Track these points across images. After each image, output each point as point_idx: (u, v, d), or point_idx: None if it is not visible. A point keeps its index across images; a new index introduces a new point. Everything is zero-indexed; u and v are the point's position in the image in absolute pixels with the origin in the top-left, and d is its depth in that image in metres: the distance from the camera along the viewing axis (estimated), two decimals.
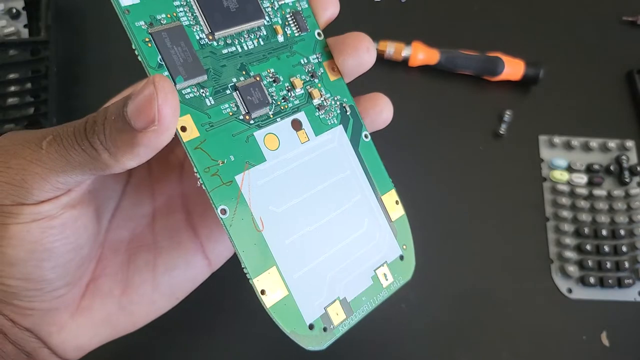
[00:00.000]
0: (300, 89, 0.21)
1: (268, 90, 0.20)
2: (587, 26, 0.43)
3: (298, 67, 0.22)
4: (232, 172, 0.19)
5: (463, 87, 0.41)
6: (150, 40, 0.18)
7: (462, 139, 0.40)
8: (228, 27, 0.20)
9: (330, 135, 0.22)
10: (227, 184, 0.19)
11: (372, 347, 0.35)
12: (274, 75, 0.21)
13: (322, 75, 0.22)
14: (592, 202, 0.38)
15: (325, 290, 0.21)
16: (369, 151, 0.23)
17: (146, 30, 0.18)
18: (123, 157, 0.16)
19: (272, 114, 0.20)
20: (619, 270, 0.37)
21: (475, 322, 0.36)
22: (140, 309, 0.22)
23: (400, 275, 0.24)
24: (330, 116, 0.22)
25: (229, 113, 0.19)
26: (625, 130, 0.40)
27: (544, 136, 0.40)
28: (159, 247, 0.23)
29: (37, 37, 0.37)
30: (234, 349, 0.34)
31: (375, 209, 0.23)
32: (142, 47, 0.18)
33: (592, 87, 0.42)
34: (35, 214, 0.18)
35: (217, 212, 0.18)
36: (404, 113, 0.40)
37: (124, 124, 0.16)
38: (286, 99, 0.21)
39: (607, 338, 0.35)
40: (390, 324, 0.35)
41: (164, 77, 0.16)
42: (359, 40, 0.22)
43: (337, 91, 0.22)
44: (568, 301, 0.36)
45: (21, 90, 0.36)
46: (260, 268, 0.19)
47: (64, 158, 0.17)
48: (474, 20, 0.43)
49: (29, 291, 0.19)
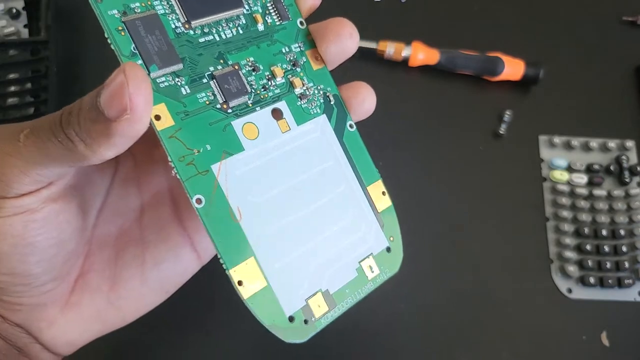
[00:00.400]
0: (281, 77, 0.21)
1: (247, 79, 0.20)
2: (587, 26, 0.43)
3: (279, 55, 0.21)
4: (209, 161, 0.19)
5: (463, 87, 0.41)
6: (123, 28, 0.17)
7: (462, 139, 0.40)
8: (205, 15, 0.19)
9: (312, 125, 0.21)
10: (202, 173, 0.18)
11: (371, 347, 0.35)
12: (253, 64, 0.20)
13: (304, 64, 0.22)
14: (592, 202, 0.38)
15: (307, 282, 0.20)
16: (354, 141, 0.22)
17: (119, 19, 0.17)
18: (99, 148, 0.16)
19: (251, 103, 0.20)
20: (619, 270, 0.37)
21: (475, 322, 0.36)
22: (129, 304, 0.22)
23: (386, 268, 0.23)
24: (313, 105, 0.22)
25: (206, 102, 0.19)
26: (626, 130, 0.40)
27: (544, 136, 0.40)
28: (147, 241, 0.22)
29: (37, 37, 0.37)
30: (224, 345, 0.34)
31: (360, 199, 0.22)
32: (115, 35, 0.17)
33: (592, 87, 0.42)
34: (17, 208, 0.18)
35: (192, 201, 0.18)
36: (404, 113, 0.40)
37: (97, 114, 0.16)
38: (266, 88, 0.21)
39: (607, 338, 0.35)
40: (390, 324, 0.35)
41: (135, 65, 0.16)
42: (342, 26, 0.22)
43: (320, 80, 0.22)
44: (568, 301, 0.36)
45: (21, 90, 0.36)
46: (237, 259, 0.19)
47: (42, 150, 0.17)
48: (474, 20, 0.43)
49: (16, 286, 0.19)
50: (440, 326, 0.35)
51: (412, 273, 0.36)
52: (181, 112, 0.18)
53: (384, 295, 0.36)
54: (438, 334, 0.35)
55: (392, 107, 0.41)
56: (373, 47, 0.40)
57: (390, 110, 0.40)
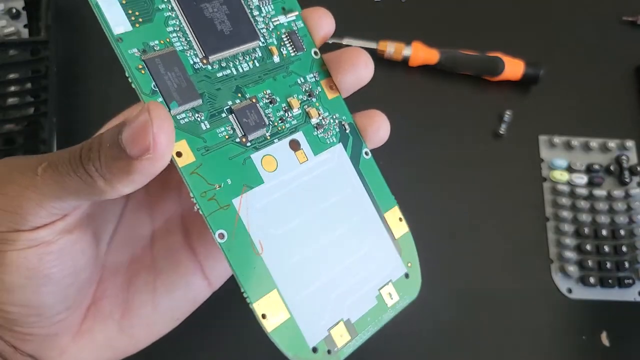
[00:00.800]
0: (298, 108, 0.21)
1: (265, 112, 0.20)
2: (587, 26, 0.43)
3: (295, 86, 0.21)
4: (230, 196, 0.19)
5: (463, 87, 0.41)
6: (143, 67, 0.18)
7: (462, 139, 0.40)
8: (222, 50, 0.19)
9: (329, 154, 0.22)
10: (224, 208, 0.18)
11: (371, 347, 0.35)
12: (270, 97, 0.20)
13: (319, 93, 0.22)
14: (592, 202, 0.38)
15: (328, 312, 0.20)
16: (369, 168, 0.23)
17: (139, 57, 0.18)
18: (118, 184, 0.16)
19: (269, 135, 0.20)
20: (619, 270, 0.37)
21: (475, 322, 0.36)
22: (141, 331, 0.22)
23: (405, 294, 0.23)
24: (329, 135, 0.22)
25: (225, 136, 0.19)
26: (626, 130, 0.41)
27: (544, 136, 0.40)
28: (159, 268, 0.22)
29: (37, 37, 0.37)
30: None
31: (378, 227, 0.22)
32: (136, 74, 0.17)
33: (592, 87, 0.42)
34: (31, 240, 0.18)
35: (215, 236, 0.18)
36: (404, 113, 0.40)
37: (119, 152, 0.16)
38: (283, 120, 0.21)
39: (607, 338, 0.35)
40: (389, 323, 0.35)
41: (159, 104, 0.16)
42: (357, 56, 0.22)
43: (335, 109, 0.22)
44: (568, 301, 0.36)
45: (21, 90, 0.36)
46: (260, 292, 0.19)
47: (59, 184, 0.17)
48: (474, 20, 0.43)
49: (28, 317, 0.19)
50: (440, 326, 0.35)
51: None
52: (202, 148, 0.18)
53: None
54: (438, 334, 0.35)
55: (392, 107, 0.40)
56: (373, 47, 0.40)
57: (390, 110, 0.40)
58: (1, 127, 0.35)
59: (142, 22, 0.18)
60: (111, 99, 0.39)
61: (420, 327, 0.35)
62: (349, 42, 0.40)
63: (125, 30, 0.18)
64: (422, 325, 0.35)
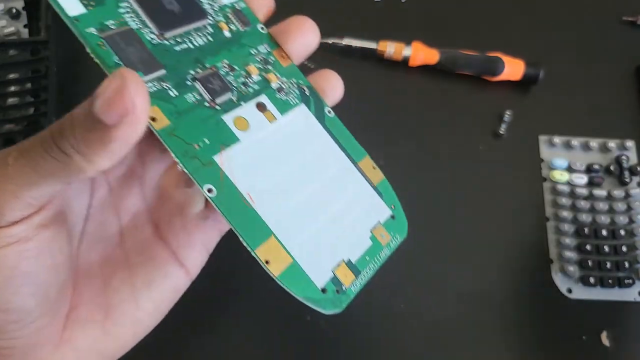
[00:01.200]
0: (257, 75, 0.23)
1: (227, 79, 0.21)
2: (587, 26, 0.43)
3: (250, 57, 0.23)
4: (210, 154, 0.20)
5: (463, 87, 0.41)
6: (103, 43, 0.18)
7: (462, 139, 0.40)
8: (175, 27, 0.21)
9: (295, 114, 0.23)
10: (207, 165, 0.19)
11: (371, 346, 0.35)
12: (229, 66, 0.22)
13: (274, 62, 0.23)
14: (592, 203, 0.38)
15: (328, 255, 0.22)
16: (335, 125, 0.24)
17: (98, 35, 0.18)
18: (96, 157, 0.16)
19: (236, 99, 0.21)
20: (619, 270, 0.37)
21: (475, 322, 0.36)
22: (126, 330, 0.22)
23: (396, 233, 0.25)
24: (291, 97, 0.23)
25: (194, 101, 0.20)
26: (626, 130, 0.41)
27: (544, 136, 0.40)
28: (133, 264, 0.22)
29: (37, 37, 0.37)
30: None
31: (356, 175, 0.24)
32: (97, 50, 0.18)
33: (592, 87, 0.42)
34: (9, 237, 0.17)
35: (204, 191, 0.19)
36: (404, 112, 0.40)
37: (93, 123, 0.15)
38: (246, 85, 0.22)
39: (607, 338, 0.35)
40: (390, 323, 0.35)
41: (130, 70, 0.16)
42: (303, 23, 0.24)
43: (291, 75, 0.24)
44: (568, 301, 0.36)
45: (21, 90, 0.36)
46: (259, 239, 0.20)
47: (34, 170, 0.16)
48: (474, 20, 0.43)
49: (9, 324, 0.18)
50: (440, 326, 0.35)
51: (412, 273, 0.36)
52: (174, 113, 0.19)
53: (384, 295, 0.36)
54: (438, 334, 0.35)
55: (392, 106, 0.41)
56: (373, 47, 0.40)
57: (390, 109, 0.40)
58: (1, 127, 0.35)
59: (95, 5, 0.19)
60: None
61: (420, 326, 0.35)
62: (348, 42, 0.40)
63: (79, 12, 0.19)
64: (422, 325, 0.35)
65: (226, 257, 0.36)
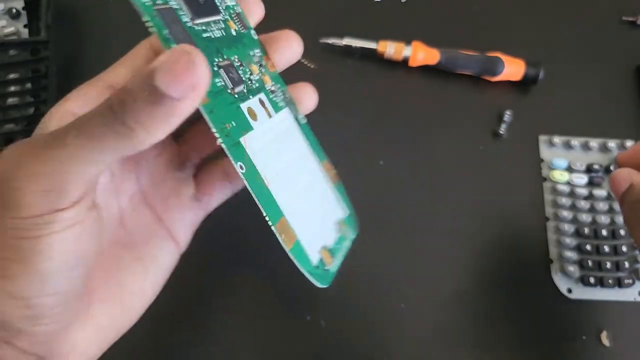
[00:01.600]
0: (257, 74, 0.24)
1: (239, 72, 0.23)
2: (587, 26, 0.43)
3: (250, 57, 0.24)
4: (237, 135, 0.21)
5: (463, 87, 0.41)
6: (157, 14, 0.19)
7: (462, 139, 0.40)
8: (202, 16, 0.22)
9: (283, 115, 0.26)
10: (236, 145, 0.21)
11: (371, 346, 0.35)
12: (239, 60, 0.23)
13: (264, 66, 0.25)
14: (592, 203, 0.38)
15: (315, 239, 0.25)
16: (307, 130, 0.27)
17: (151, 7, 0.19)
18: (157, 130, 0.17)
19: (246, 91, 0.23)
20: (618, 271, 0.37)
21: (475, 322, 0.36)
22: (138, 303, 0.23)
23: (353, 229, 0.29)
24: (279, 99, 0.26)
25: (221, 86, 0.21)
26: (625, 130, 0.41)
27: (544, 136, 0.40)
28: (137, 242, 0.24)
29: (37, 37, 0.37)
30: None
31: (324, 175, 0.27)
32: (154, 20, 0.19)
33: (592, 87, 0.42)
34: (69, 220, 0.17)
35: (237, 167, 0.20)
36: (404, 112, 0.40)
37: (158, 97, 0.16)
38: (251, 81, 0.24)
39: (607, 338, 0.35)
40: (389, 323, 0.35)
41: (192, 46, 0.17)
42: (290, 35, 0.26)
43: (276, 81, 0.26)
44: (568, 301, 0.36)
45: (21, 90, 0.36)
46: (276, 216, 0.22)
47: (96, 147, 0.17)
48: (474, 21, 0.43)
49: (54, 307, 0.18)
50: (440, 325, 0.35)
51: (412, 272, 0.36)
52: (210, 93, 0.21)
53: (383, 295, 0.36)
54: (438, 333, 0.35)
55: (392, 106, 0.41)
56: (373, 47, 0.40)
57: (390, 109, 0.41)
58: (1, 127, 0.35)
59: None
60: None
61: (420, 326, 0.35)
62: (348, 42, 0.40)
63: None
64: (421, 325, 0.35)
65: (226, 257, 0.36)
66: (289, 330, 0.35)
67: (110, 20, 0.41)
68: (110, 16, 0.41)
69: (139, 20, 0.19)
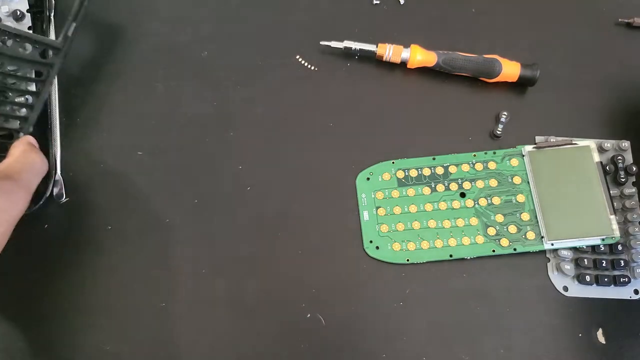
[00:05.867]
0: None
1: None
2: (583, 28, 0.44)
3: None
4: None
5: (460, 88, 0.42)
6: None
7: (459, 140, 0.40)
8: None
9: None
10: None
11: (370, 346, 0.35)
12: None
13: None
14: None
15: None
16: None
17: None
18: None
19: None
20: (614, 269, 0.37)
21: (472, 320, 0.36)
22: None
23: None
24: None
25: None
26: (621, 131, 0.41)
27: (541, 137, 0.40)
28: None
29: (53, 41, 0.36)
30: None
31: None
32: None
33: (587, 89, 0.42)
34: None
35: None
36: (402, 114, 0.41)
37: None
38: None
39: (603, 335, 0.36)
40: (389, 322, 0.36)
41: None
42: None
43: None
44: (564, 299, 0.37)
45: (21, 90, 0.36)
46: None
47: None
48: (471, 23, 0.44)
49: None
50: (438, 324, 0.36)
51: (410, 272, 0.37)
52: None
53: (382, 294, 0.36)
54: (435, 332, 0.36)
55: (391, 108, 0.41)
56: (372, 50, 0.41)
57: (388, 111, 0.41)
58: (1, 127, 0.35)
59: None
60: (111, 100, 0.39)
61: (419, 325, 0.36)
62: (348, 45, 0.40)
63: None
64: (420, 324, 0.36)
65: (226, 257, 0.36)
66: (288, 329, 0.35)
67: (110, 21, 0.41)
68: (110, 17, 0.41)
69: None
